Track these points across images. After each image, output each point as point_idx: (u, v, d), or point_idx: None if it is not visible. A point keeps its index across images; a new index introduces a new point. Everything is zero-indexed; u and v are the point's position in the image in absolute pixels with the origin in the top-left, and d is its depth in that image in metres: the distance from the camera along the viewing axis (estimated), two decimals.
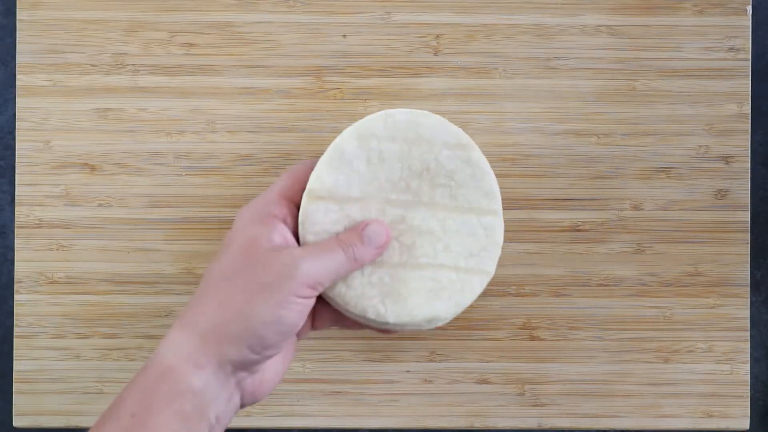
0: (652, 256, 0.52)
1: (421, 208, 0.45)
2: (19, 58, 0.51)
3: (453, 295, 0.44)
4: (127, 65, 0.51)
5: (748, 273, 0.52)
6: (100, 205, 0.51)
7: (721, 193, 0.52)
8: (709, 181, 0.52)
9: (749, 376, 0.52)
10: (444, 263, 0.45)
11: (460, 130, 0.46)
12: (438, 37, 0.52)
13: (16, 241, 0.51)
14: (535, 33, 0.52)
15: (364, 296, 0.44)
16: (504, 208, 0.51)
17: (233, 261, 0.41)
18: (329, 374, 0.51)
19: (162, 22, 0.51)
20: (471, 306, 0.52)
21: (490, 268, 0.45)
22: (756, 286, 0.55)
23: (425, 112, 0.46)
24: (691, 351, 0.52)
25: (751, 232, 0.53)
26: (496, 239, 0.46)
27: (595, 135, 0.52)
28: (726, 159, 0.52)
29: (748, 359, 0.52)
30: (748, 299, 0.52)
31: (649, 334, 0.52)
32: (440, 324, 0.45)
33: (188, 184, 0.52)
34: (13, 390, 0.51)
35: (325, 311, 0.45)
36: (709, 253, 0.52)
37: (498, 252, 0.46)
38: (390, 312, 0.44)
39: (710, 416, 0.52)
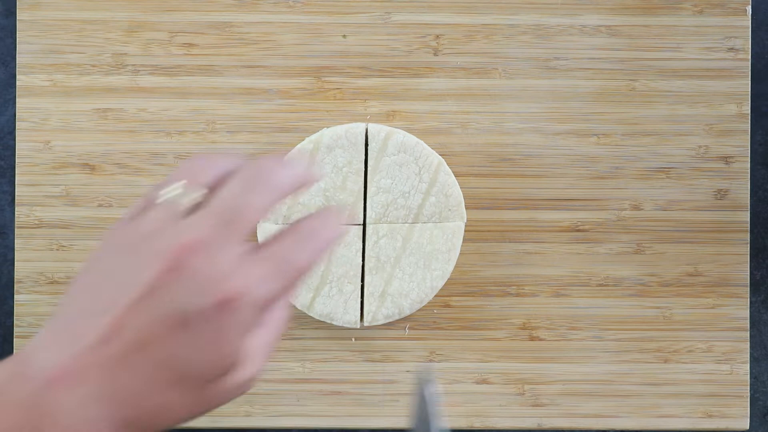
0: (651, 256, 0.52)
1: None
2: (19, 59, 0.51)
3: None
4: (127, 65, 0.51)
5: (748, 273, 0.52)
6: (100, 205, 0.51)
7: (720, 193, 0.52)
8: (708, 182, 0.52)
9: (749, 376, 0.52)
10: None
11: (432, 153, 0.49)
12: (438, 37, 0.52)
13: (16, 241, 0.51)
14: (535, 33, 0.52)
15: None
16: (504, 208, 0.52)
17: None
18: (329, 374, 0.51)
19: (162, 22, 0.51)
20: (470, 306, 0.52)
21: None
22: (755, 286, 0.55)
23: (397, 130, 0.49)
24: (690, 351, 0.52)
25: (750, 232, 0.53)
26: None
27: (595, 135, 0.52)
28: (726, 159, 0.52)
29: (748, 359, 0.52)
30: (748, 299, 0.52)
31: (648, 334, 0.52)
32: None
33: None
34: None
35: None
36: (708, 253, 0.52)
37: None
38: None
39: (710, 416, 0.52)
